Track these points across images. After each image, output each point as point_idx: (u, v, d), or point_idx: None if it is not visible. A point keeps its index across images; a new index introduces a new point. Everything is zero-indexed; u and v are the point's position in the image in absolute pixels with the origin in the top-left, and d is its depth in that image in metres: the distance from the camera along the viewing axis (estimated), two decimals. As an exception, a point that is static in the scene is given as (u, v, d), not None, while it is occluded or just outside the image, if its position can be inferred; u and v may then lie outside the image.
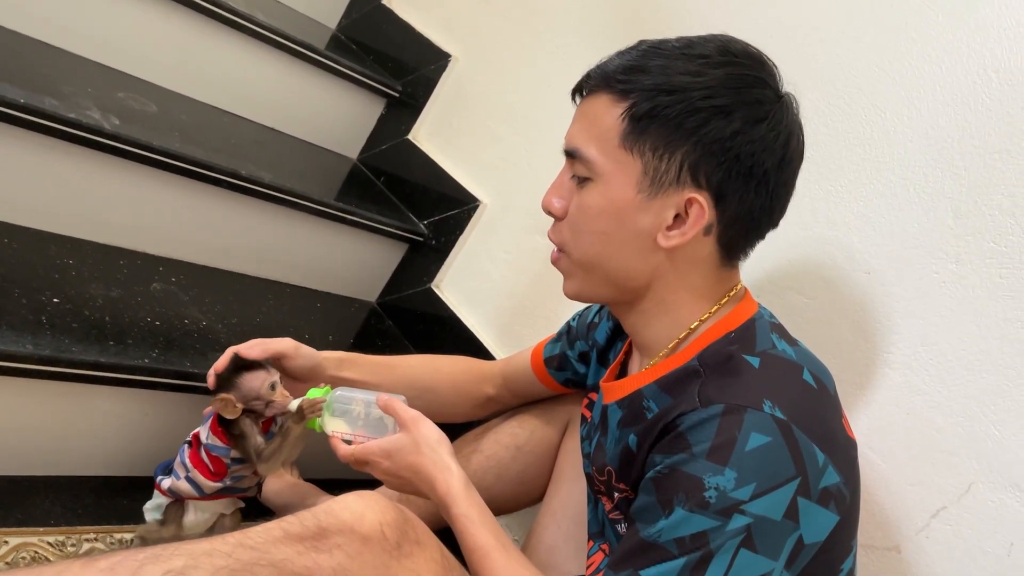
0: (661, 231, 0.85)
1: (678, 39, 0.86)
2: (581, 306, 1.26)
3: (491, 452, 1.25)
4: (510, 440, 1.25)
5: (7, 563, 1.01)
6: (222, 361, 1.06)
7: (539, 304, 1.58)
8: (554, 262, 0.94)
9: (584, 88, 0.89)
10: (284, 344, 1.13)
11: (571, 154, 0.88)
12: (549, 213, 0.92)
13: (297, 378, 1.16)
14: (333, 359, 1.18)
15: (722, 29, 0.91)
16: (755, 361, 0.83)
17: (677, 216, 0.84)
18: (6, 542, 1.04)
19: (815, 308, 1.19)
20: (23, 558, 1.03)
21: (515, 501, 1.27)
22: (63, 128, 1.22)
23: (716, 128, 0.81)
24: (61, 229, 1.34)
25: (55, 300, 1.16)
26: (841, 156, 1.20)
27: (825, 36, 1.24)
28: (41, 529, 1.09)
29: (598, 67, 0.88)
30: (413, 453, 0.95)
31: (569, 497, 1.19)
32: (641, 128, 0.82)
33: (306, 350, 1.14)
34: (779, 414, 0.77)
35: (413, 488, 0.98)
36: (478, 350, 1.61)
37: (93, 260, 1.33)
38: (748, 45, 0.87)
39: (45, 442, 1.16)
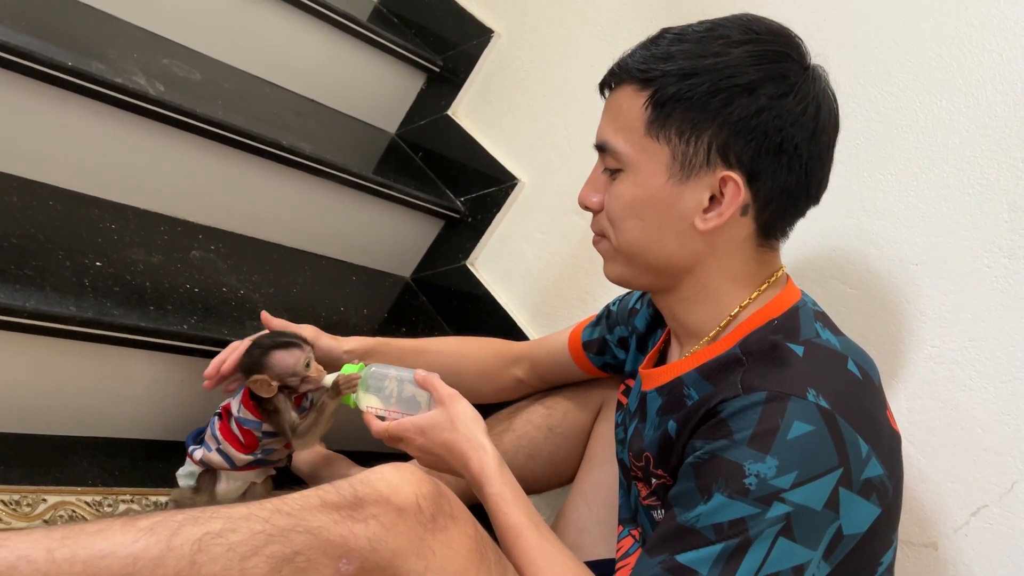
0: (698, 214, 0.84)
1: (700, 24, 0.86)
2: (618, 288, 1.25)
3: (523, 432, 1.24)
4: (543, 421, 1.25)
5: (45, 520, 1.03)
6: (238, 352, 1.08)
7: (574, 285, 1.57)
8: (595, 244, 0.94)
9: (610, 83, 0.89)
10: (303, 330, 1.12)
11: (601, 148, 0.89)
12: (586, 208, 0.92)
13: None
14: (359, 351, 1.17)
15: (773, 12, 0.89)
16: (799, 350, 0.82)
17: (712, 198, 0.83)
18: (44, 500, 1.06)
19: (859, 298, 1.17)
20: (60, 516, 1.05)
21: (545, 481, 1.27)
22: (109, 92, 1.23)
23: (741, 106, 0.80)
24: (104, 193, 1.35)
25: (97, 263, 1.17)
26: (892, 144, 1.17)
27: (881, 22, 1.21)
28: (79, 489, 1.11)
29: (620, 61, 0.88)
30: (448, 430, 0.95)
31: (600, 480, 1.18)
32: (665, 114, 0.82)
33: (325, 342, 1.13)
34: (823, 403, 0.76)
35: (446, 465, 0.97)
36: (511, 329, 1.60)
37: (135, 225, 1.34)
38: (771, 22, 0.86)
39: (84, 403, 1.18)
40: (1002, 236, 1.05)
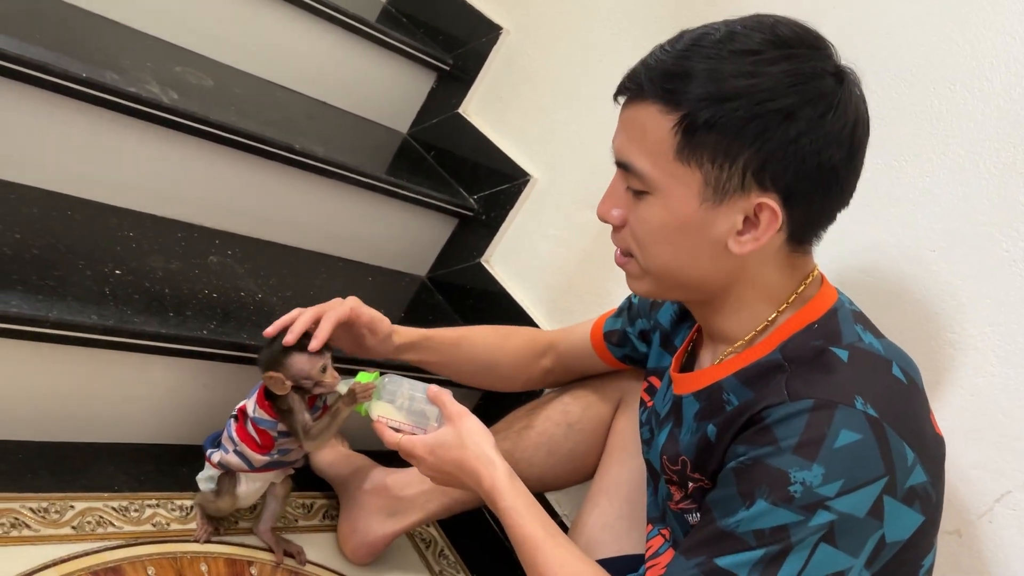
0: (732, 237, 0.81)
1: (718, 28, 0.80)
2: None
3: (542, 428, 1.24)
4: (561, 417, 1.25)
5: (73, 527, 1.04)
6: (323, 326, 1.07)
7: (589, 280, 1.57)
8: (620, 264, 0.91)
9: (626, 93, 0.83)
10: (383, 323, 1.15)
11: (624, 167, 0.84)
12: (606, 222, 0.89)
13: (361, 347, 1.17)
14: (404, 344, 1.19)
15: (781, 2, 0.88)
16: (844, 355, 0.80)
17: (746, 219, 0.80)
18: (72, 507, 1.07)
19: (876, 286, 1.16)
20: (88, 522, 1.06)
21: (566, 478, 1.27)
22: (124, 102, 1.24)
23: (780, 132, 0.76)
24: (122, 202, 1.36)
25: (117, 272, 1.19)
26: (906, 131, 1.16)
27: (891, 7, 1.20)
28: (105, 494, 1.12)
29: (639, 70, 0.82)
30: (457, 448, 0.96)
31: (622, 476, 1.18)
32: (697, 140, 0.78)
33: (393, 340, 1.17)
34: (871, 411, 0.75)
35: (458, 482, 0.98)
36: (528, 325, 1.60)
37: (153, 233, 1.35)
38: (795, 24, 0.79)
39: (108, 410, 1.19)
40: (1020, 220, 1.04)
